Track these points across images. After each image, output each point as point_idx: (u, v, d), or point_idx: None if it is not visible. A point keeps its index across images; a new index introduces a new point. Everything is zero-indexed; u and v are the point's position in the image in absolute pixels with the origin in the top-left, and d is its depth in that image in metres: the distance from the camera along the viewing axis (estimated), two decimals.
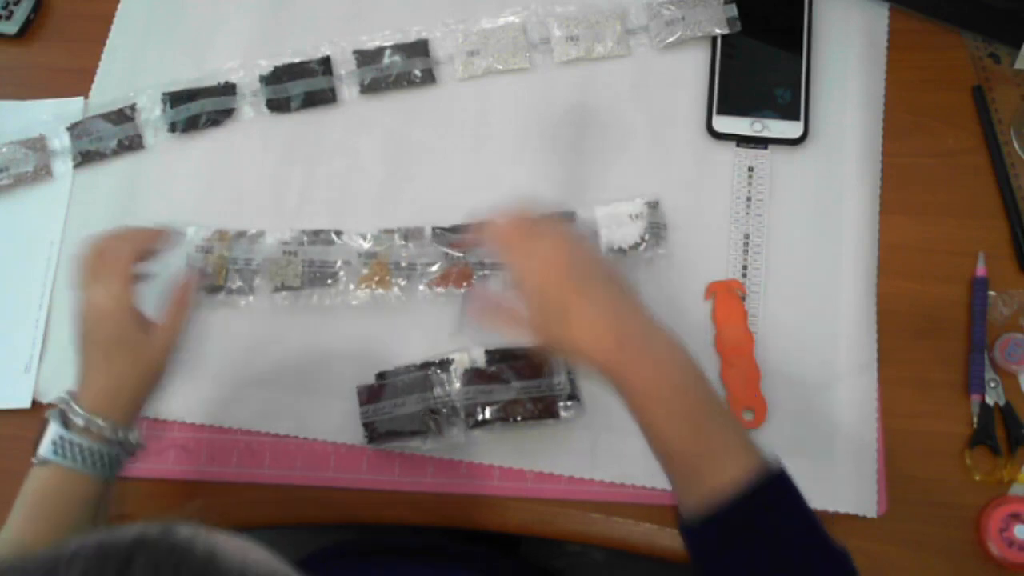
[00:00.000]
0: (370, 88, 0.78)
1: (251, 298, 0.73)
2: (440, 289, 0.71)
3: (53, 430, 0.56)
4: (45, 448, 0.56)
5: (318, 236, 0.74)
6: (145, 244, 0.61)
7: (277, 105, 0.79)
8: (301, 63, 0.79)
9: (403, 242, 0.73)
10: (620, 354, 0.51)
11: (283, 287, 0.72)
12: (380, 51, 0.79)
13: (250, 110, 0.79)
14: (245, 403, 0.71)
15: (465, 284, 0.71)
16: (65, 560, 0.31)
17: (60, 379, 0.73)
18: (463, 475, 0.68)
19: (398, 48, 0.79)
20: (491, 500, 0.67)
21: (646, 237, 0.70)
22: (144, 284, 0.62)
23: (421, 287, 0.71)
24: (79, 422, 0.56)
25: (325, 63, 0.79)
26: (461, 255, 0.72)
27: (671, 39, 0.76)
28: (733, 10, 0.76)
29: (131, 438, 0.58)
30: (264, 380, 0.71)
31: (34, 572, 0.31)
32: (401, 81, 0.78)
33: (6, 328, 0.75)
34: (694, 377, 0.52)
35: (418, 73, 0.78)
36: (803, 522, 0.50)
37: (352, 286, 0.72)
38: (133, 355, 0.59)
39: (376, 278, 0.72)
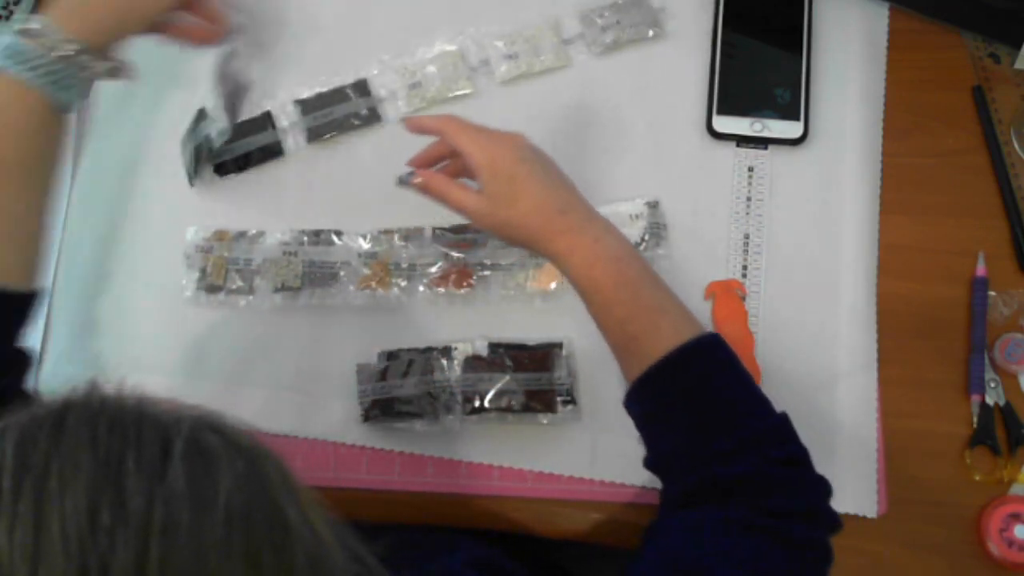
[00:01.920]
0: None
1: (251, 298, 0.73)
2: (440, 289, 0.71)
3: (4, 40, 0.54)
4: None
5: (318, 236, 0.74)
6: None
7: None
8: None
9: (403, 242, 0.73)
10: (563, 224, 0.55)
11: (283, 287, 0.72)
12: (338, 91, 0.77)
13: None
14: (245, 403, 0.71)
15: (466, 284, 0.71)
16: (3, 428, 0.32)
17: (60, 379, 0.73)
18: (463, 475, 0.68)
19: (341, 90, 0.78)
20: (491, 500, 0.67)
21: (646, 237, 0.70)
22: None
23: (421, 287, 0.71)
24: (31, 25, 0.54)
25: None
26: (461, 255, 0.72)
27: (608, 40, 0.77)
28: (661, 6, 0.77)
29: (85, 59, 0.56)
30: (264, 380, 0.71)
31: None
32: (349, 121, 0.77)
33: None
34: (632, 254, 0.56)
35: (365, 112, 0.77)
36: (735, 385, 0.53)
37: (352, 287, 0.72)
38: None
39: (376, 278, 0.72)
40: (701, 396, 0.52)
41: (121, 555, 0.29)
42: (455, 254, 0.72)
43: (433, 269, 0.72)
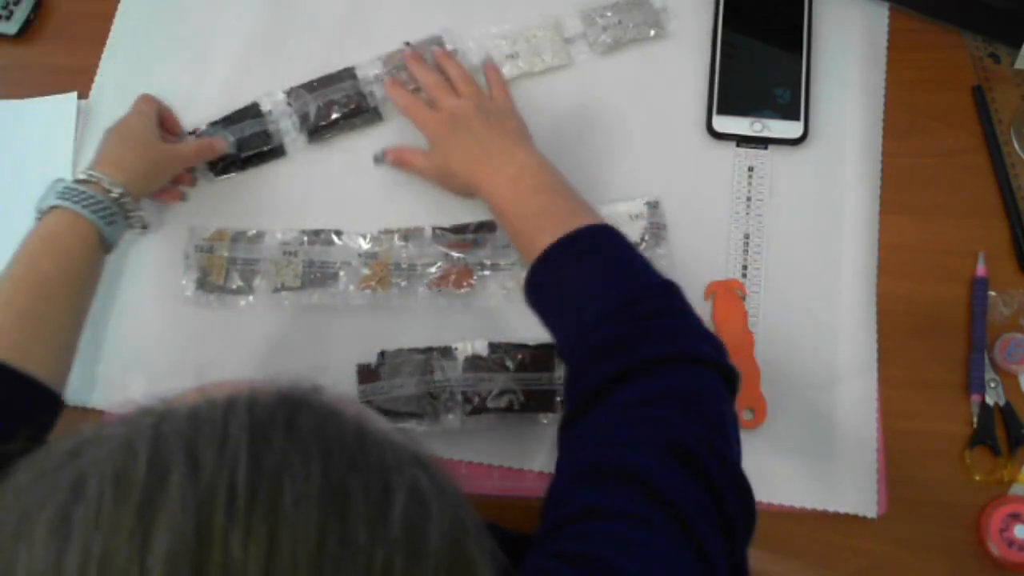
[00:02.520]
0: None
1: (251, 298, 0.73)
2: (440, 289, 0.71)
3: (58, 185, 0.65)
4: (49, 197, 0.65)
5: (318, 236, 0.73)
6: (154, 107, 0.75)
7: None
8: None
9: (403, 242, 0.73)
10: (479, 168, 0.66)
11: (283, 287, 0.72)
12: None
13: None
14: None
15: (466, 284, 0.71)
16: (225, 416, 0.31)
17: None
18: (463, 475, 0.68)
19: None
20: (491, 500, 0.67)
21: (646, 237, 0.70)
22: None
23: (421, 287, 0.71)
24: (84, 175, 0.66)
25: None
26: (461, 255, 0.72)
27: (609, 40, 0.77)
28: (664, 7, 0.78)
29: (127, 202, 0.67)
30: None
31: (202, 433, 0.30)
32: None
33: None
34: (528, 171, 0.64)
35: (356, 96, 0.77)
36: (608, 263, 0.56)
37: (352, 287, 0.72)
38: (144, 146, 0.70)
39: (376, 278, 0.72)
40: (570, 280, 0.56)
41: None
42: (455, 254, 0.72)
43: (433, 269, 0.72)
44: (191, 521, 0.27)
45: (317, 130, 0.77)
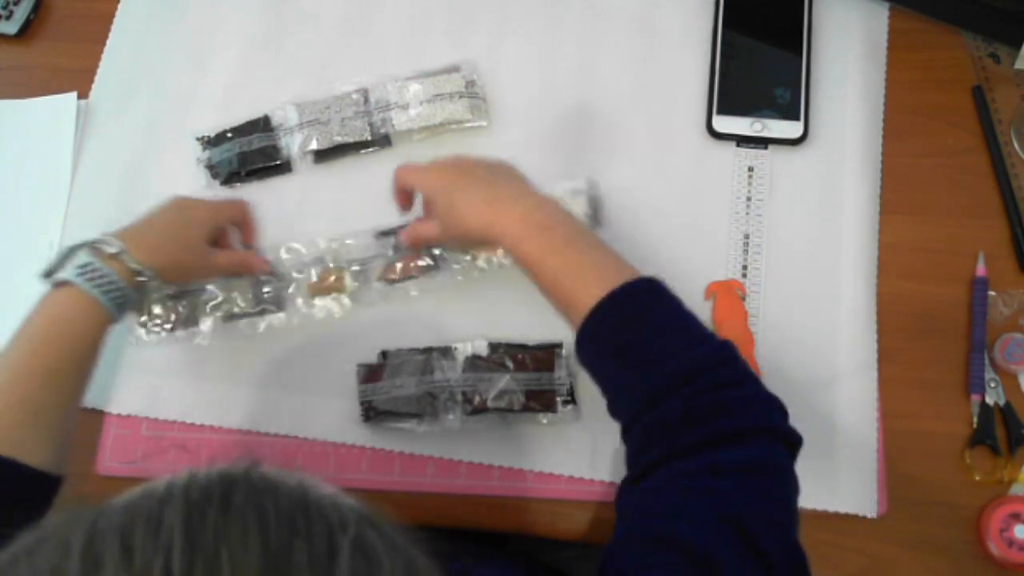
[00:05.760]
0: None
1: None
2: (392, 284, 0.71)
3: (81, 257, 0.60)
4: (66, 269, 0.59)
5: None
6: (236, 215, 0.72)
7: None
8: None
9: (351, 242, 0.72)
10: (492, 214, 0.60)
11: (232, 315, 0.71)
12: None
13: None
14: (245, 403, 0.71)
15: (414, 267, 0.71)
16: (160, 504, 0.31)
17: None
18: (463, 475, 0.68)
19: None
20: (491, 500, 0.67)
21: (588, 213, 0.69)
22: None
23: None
24: (111, 250, 0.60)
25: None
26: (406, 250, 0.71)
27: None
28: None
29: (151, 283, 0.62)
30: (264, 380, 0.71)
31: (136, 522, 0.30)
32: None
33: (5, 329, 0.75)
34: (560, 221, 0.60)
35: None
36: (663, 323, 0.53)
37: (300, 299, 0.71)
38: (188, 245, 0.66)
39: (331, 277, 0.71)
40: (628, 339, 0.53)
41: None
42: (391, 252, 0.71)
43: (376, 265, 0.71)
44: None
45: (325, 151, 0.76)
